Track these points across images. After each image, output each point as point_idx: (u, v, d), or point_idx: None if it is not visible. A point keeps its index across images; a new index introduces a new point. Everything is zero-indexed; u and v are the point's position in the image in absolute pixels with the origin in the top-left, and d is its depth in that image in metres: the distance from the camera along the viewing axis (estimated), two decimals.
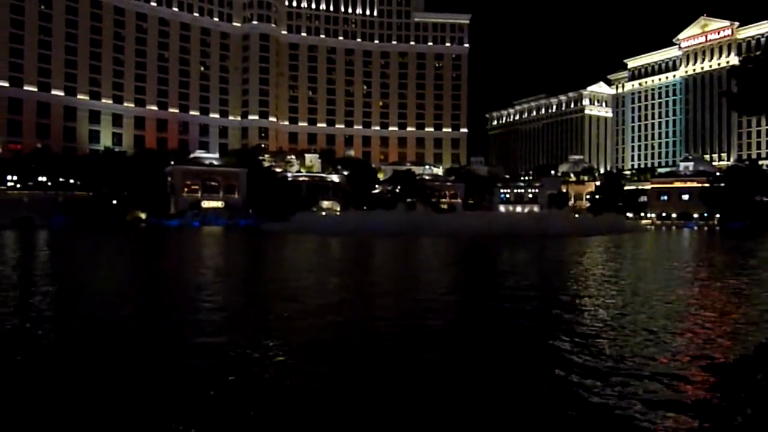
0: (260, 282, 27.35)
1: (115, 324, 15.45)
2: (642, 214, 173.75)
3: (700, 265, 38.26)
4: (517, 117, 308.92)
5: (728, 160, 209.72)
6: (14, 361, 11.41)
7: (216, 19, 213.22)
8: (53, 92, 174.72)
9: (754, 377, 9.69)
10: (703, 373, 10.54)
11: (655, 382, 10.03)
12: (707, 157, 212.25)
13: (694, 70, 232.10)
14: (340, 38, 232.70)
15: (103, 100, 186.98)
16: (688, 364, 11.22)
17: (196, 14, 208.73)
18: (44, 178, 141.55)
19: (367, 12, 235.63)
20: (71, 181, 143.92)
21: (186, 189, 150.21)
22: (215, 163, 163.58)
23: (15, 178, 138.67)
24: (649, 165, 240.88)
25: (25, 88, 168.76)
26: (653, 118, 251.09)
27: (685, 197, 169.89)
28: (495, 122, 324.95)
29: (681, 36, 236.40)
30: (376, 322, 16.02)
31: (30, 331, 14.53)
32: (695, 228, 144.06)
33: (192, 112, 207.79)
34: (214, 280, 26.97)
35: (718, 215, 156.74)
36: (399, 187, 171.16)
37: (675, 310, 18.07)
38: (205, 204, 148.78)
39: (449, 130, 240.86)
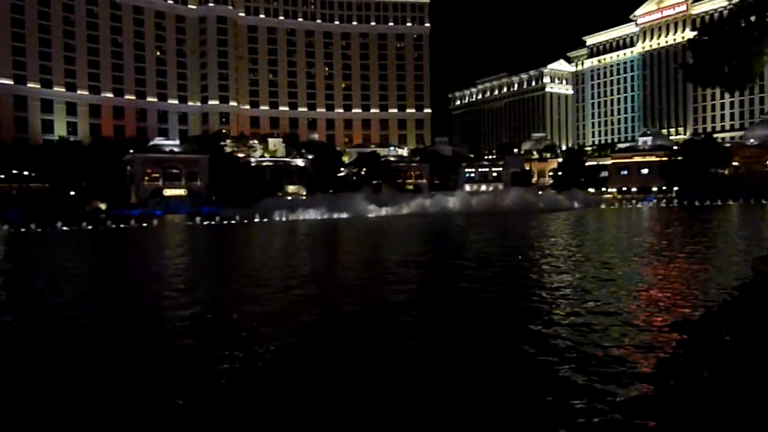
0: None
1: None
2: (603, 189, 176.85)
3: (663, 234, 39.22)
4: (479, 96, 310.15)
5: (685, 134, 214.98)
6: None
7: (171, 2, 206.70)
8: (1, 81, 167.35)
9: (719, 335, 9.90)
10: (669, 332, 10.69)
11: (623, 342, 10.13)
12: (665, 131, 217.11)
13: (651, 46, 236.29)
14: (300, 20, 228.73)
15: (56, 88, 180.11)
16: (655, 325, 11.37)
17: None
18: None
19: None
20: (25, 173, 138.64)
21: (147, 177, 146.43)
22: (176, 150, 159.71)
23: None
24: (610, 141, 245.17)
25: None
26: (612, 94, 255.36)
27: (645, 171, 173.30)
28: (458, 102, 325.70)
29: (638, 12, 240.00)
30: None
31: None
32: (654, 201, 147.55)
33: (149, 99, 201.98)
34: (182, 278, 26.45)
35: (676, 188, 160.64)
36: (364, 169, 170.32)
37: (640, 275, 18.40)
38: (167, 192, 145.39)
39: (413, 110, 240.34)
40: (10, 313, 16.07)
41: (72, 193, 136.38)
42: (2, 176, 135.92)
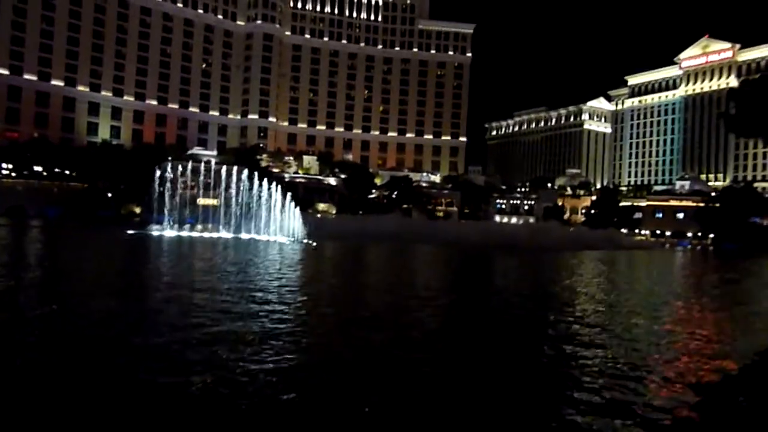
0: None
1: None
2: (636, 231, 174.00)
3: (696, 285, 38.32)
4: (516, 128, 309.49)
5: (724, 180, 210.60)
6: None
7: (220, 17, 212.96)
8: (53, 82, 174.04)
9: (737, 399, 9.69)
10: (688, 392, 10.50)
11: (641, 401, 9.98)
12: (703, 176, 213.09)
13: (693, 90, 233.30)
14: (344, 42, 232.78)
15: (103, 93, 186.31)
16: (673, 384, 11.17)
17: (200, 11, 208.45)
18: (40, 168, 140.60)
19: (372, 17, 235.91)
20: (67, 172, 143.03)
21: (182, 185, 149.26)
22: (213, 160, 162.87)
23: (10, 166, 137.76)
24: (646, 182, 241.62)
25: (25, 76, 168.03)
26: (651, 135, 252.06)
27: (680, 216, 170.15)
28: (494, 132, 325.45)
29: (682, 56, 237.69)
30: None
31: None
32: (688, 247, 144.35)
33: (192, 109, 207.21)
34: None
35: (711, 235, 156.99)
36: (396, 192, 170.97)
37: (663, 331, 18.05)
38: (201, 201, 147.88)
39: (448, 138, 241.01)
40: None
41: (110, 195, 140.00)
42: (45, 174, 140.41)
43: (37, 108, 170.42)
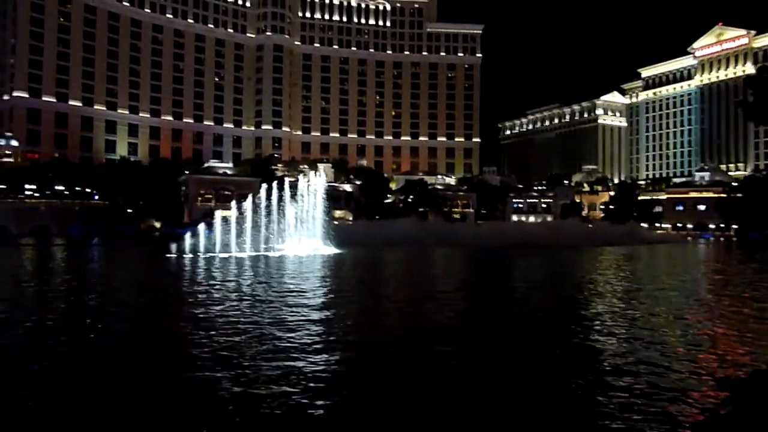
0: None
1: None
2: (657, 224, 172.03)
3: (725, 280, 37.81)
4: (530, 127, 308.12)
5: (745, 170, 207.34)
6: None
7: (230, 31, 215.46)
8: (71, 102, 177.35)
9: (765, 393, 9.60)
10: (716, 387, 10.43)
11: (669, 394, 9.94)
12: (723, 167, 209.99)
13: (709, 79, 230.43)
14: (353, 48, 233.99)
15: (120, 111, 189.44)
16: (702, 378, 11.11)
17: (210, 26, 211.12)
18: (61, 187, 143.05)
19: (380, 23, 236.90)
20: (88, 190, 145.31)
21: (200, 198, 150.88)
22: (229, 172, 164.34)
23: (33, 186, 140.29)
24: (664, 175, 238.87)
25: (44, 98, 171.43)
26: (668, 127, 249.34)
27: (701, 207, 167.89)
28: (508, 132, 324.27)
29: (696, 45, 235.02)
30: None
31: None
32: (711, 239, 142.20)
33: (206, 122, 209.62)
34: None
35: (734, 226, 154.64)
36: (411, 196, 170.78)
37: (690, 325, 17.89)
38: (219, 213, 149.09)
39: (462, 139, 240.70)
40: None
41: (129, 210, 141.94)
42: (67, 192, 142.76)
43: (56, 129, 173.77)
